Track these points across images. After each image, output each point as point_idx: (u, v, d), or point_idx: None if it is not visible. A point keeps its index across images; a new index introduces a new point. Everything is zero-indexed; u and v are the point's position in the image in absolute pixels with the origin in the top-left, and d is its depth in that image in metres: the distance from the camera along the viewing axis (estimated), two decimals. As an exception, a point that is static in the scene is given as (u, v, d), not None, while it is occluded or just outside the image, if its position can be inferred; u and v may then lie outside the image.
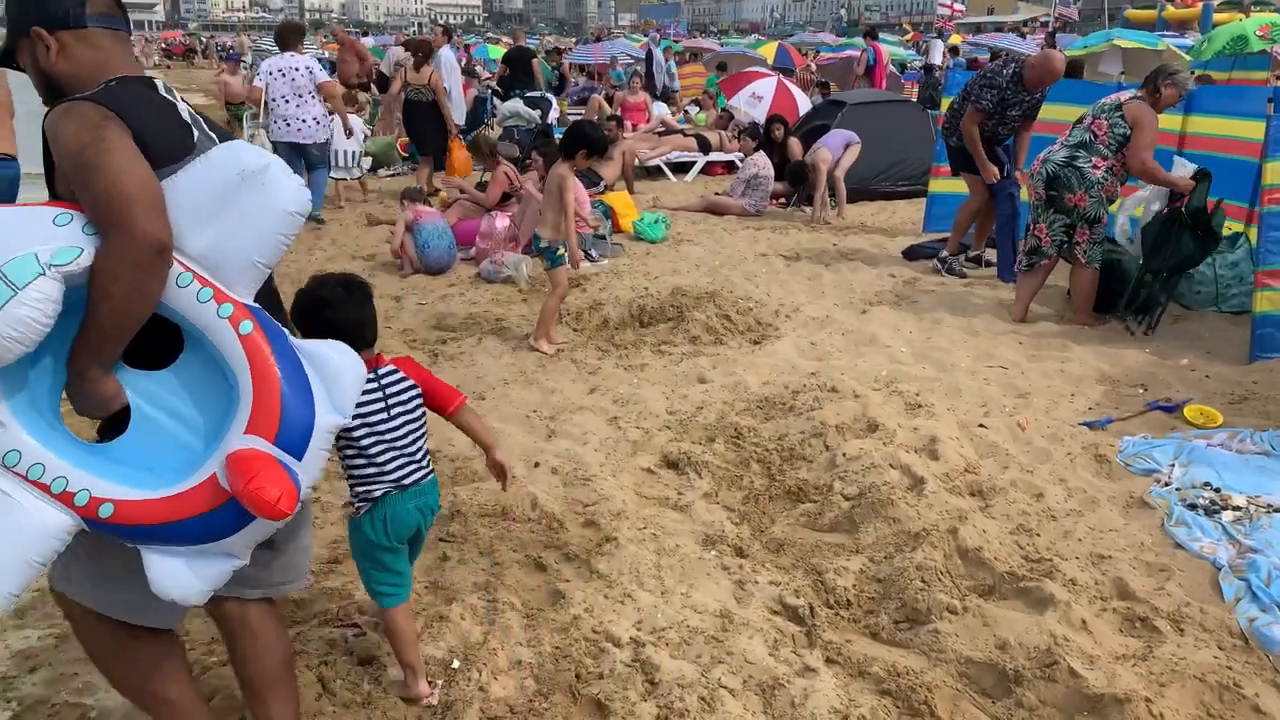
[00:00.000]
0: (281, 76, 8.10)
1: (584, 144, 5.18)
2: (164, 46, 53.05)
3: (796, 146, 10.27)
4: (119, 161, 1.72)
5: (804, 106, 13.26)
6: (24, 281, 1.64)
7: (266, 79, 8.19)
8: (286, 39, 8.43)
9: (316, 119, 8.21)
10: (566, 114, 14.50)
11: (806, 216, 9.52)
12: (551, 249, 5.32)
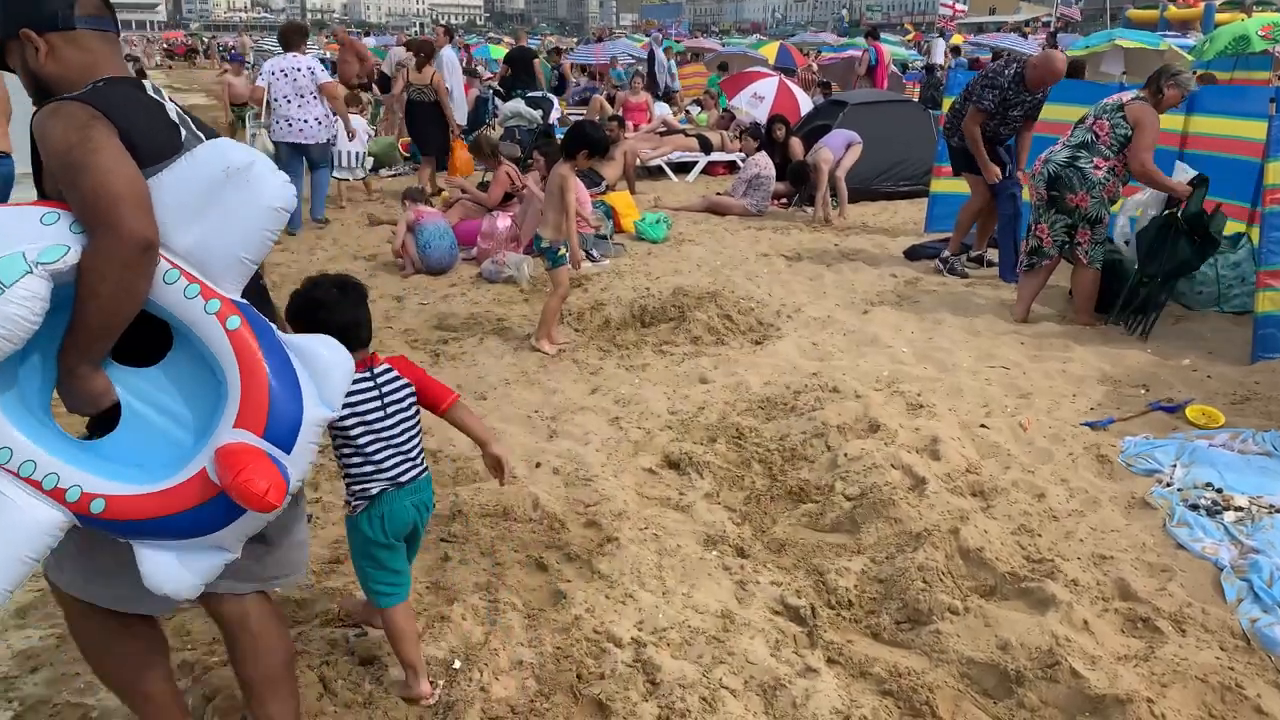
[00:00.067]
0: (284, 77, 8.12)
1: (585, 144, 5.18)
2: (166, 47, 53.17)
3: (798, 146, 10.27)
4: (106, 161, 1.73)
5: (805, 106, 13.26)
6: (11, 280, 1.66)
7: (269, 79, 8.21)
8: (290, 39, 8.45)
9: (318, 119, 8.22)
10: (568, 114, 14.50)
11: (808, 217, 9.52)
12: (553, 249, 5.32)
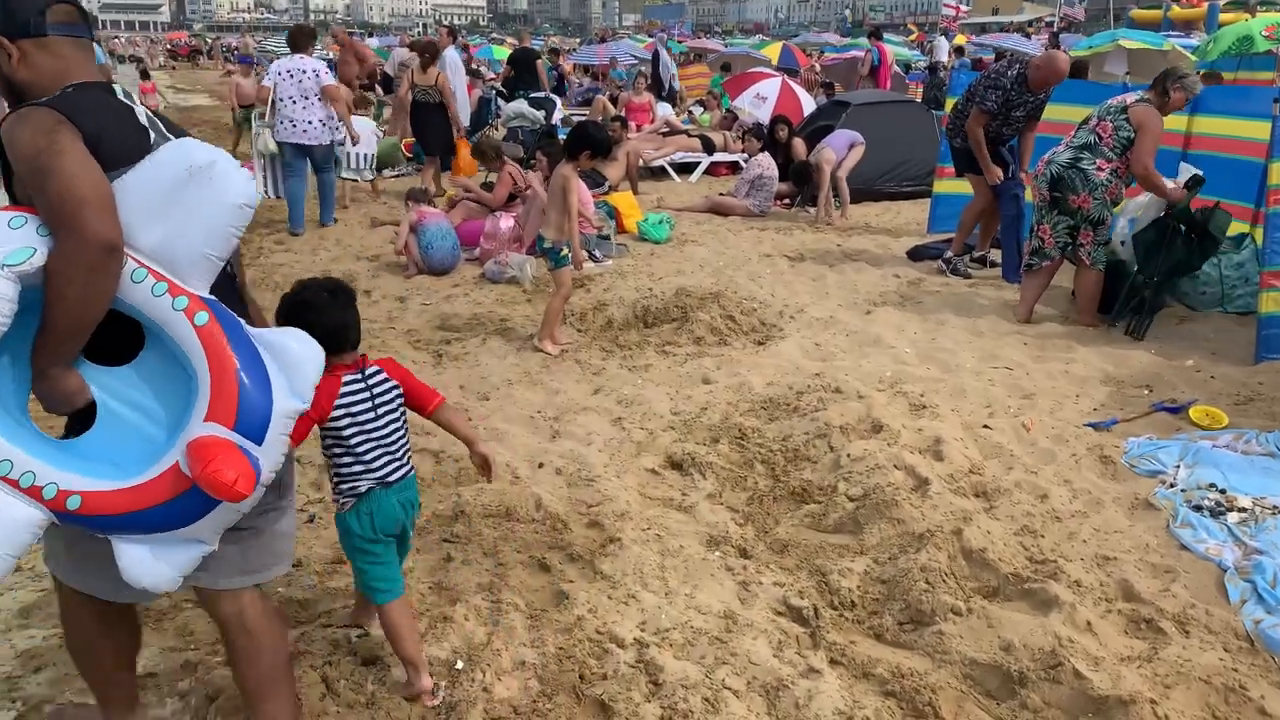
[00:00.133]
0: (290, 78, 8.16)
1: (588, 145, 5.19)
2: (169, 47, 53.27)
3: (801, 147, 10.26)
4: (71, 165, 1.77)
5: (808, 107, 13.26)
6: None
7: (275, 79, 8.27)
8: (299, 41, 8.50)
9: (323, 121, 8.27)
10: (570, 115, 14.50)
11: (811, 217, 9.51)
12: (555, 249, 5.32)
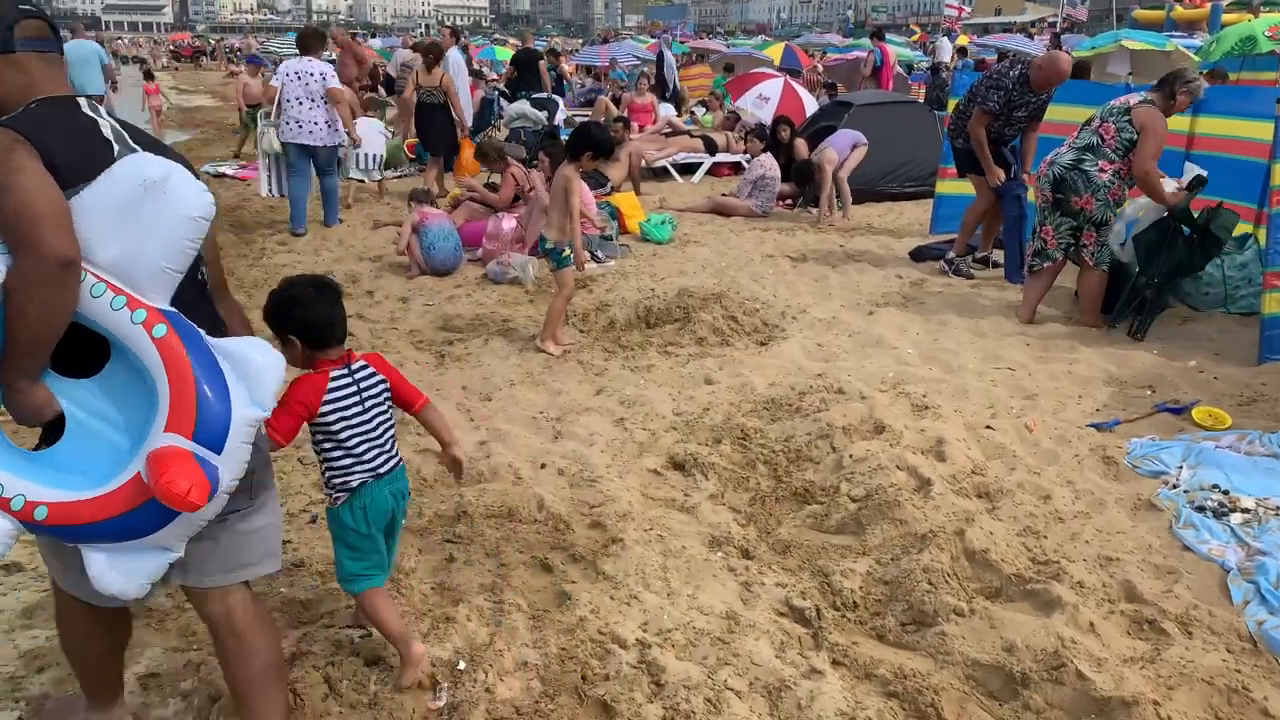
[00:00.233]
0: (297, 79, 8.19)
1: (590, 145, 5.18)
2: (172, 48, 53.39)
3: (803, 148, 10.26)
4: (28, 182, 1.79)
5: (810, 108, 13.26)
6: None
7: (283, 79, 8.30)
8: (308, 43, 8.52)
9: (328, 122, 8.30)
10: (572, 116, 14.51)
11: (813, 218, 9.51)
12: (557, 250, 5.32)
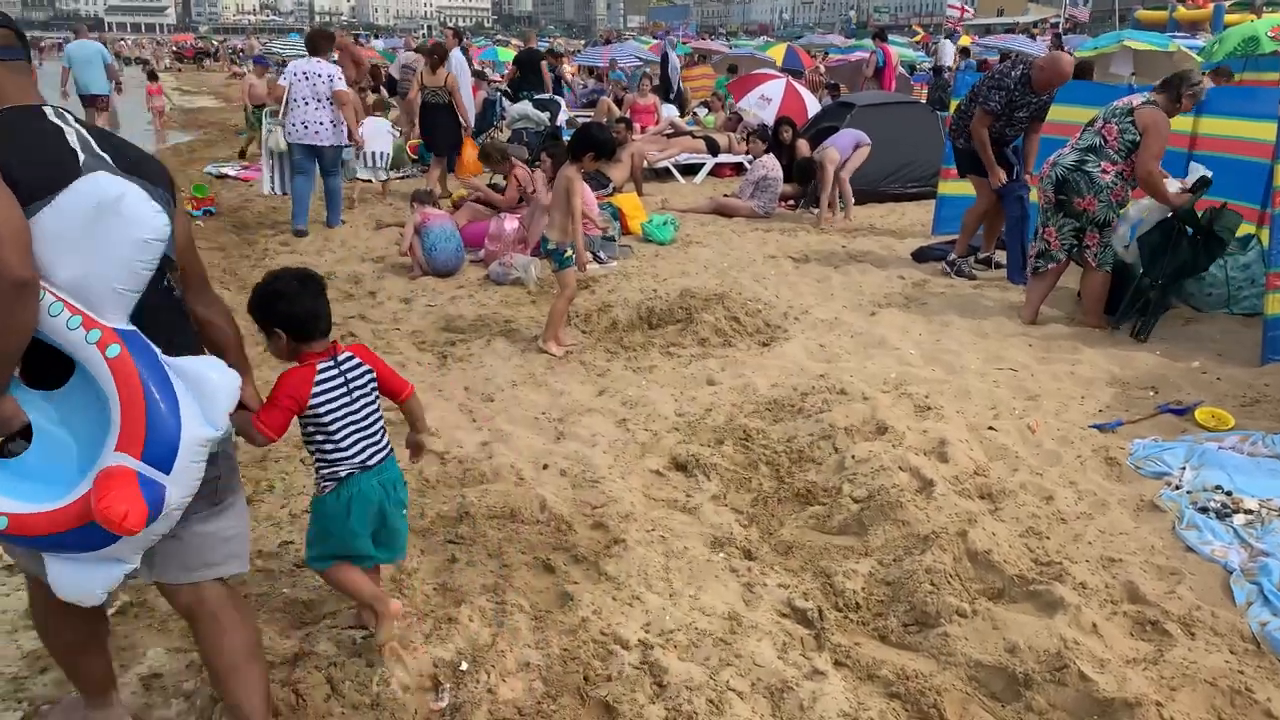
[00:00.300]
0: (304, 80, 8.21)
1: (591, 146, 5.18)
2: (175, 49, 53.49)
3: (805, 148, 10.25)
4: None
5: (813, 108, 13.26)
6: None
7: (291, 79, 8.32)
8: (317, 44, 8.54)
9: (334, 123, 8.31)
10: (574, 117, 14.51)
11: (815, 218, 9.50)
12: (559, 251, 5.32)
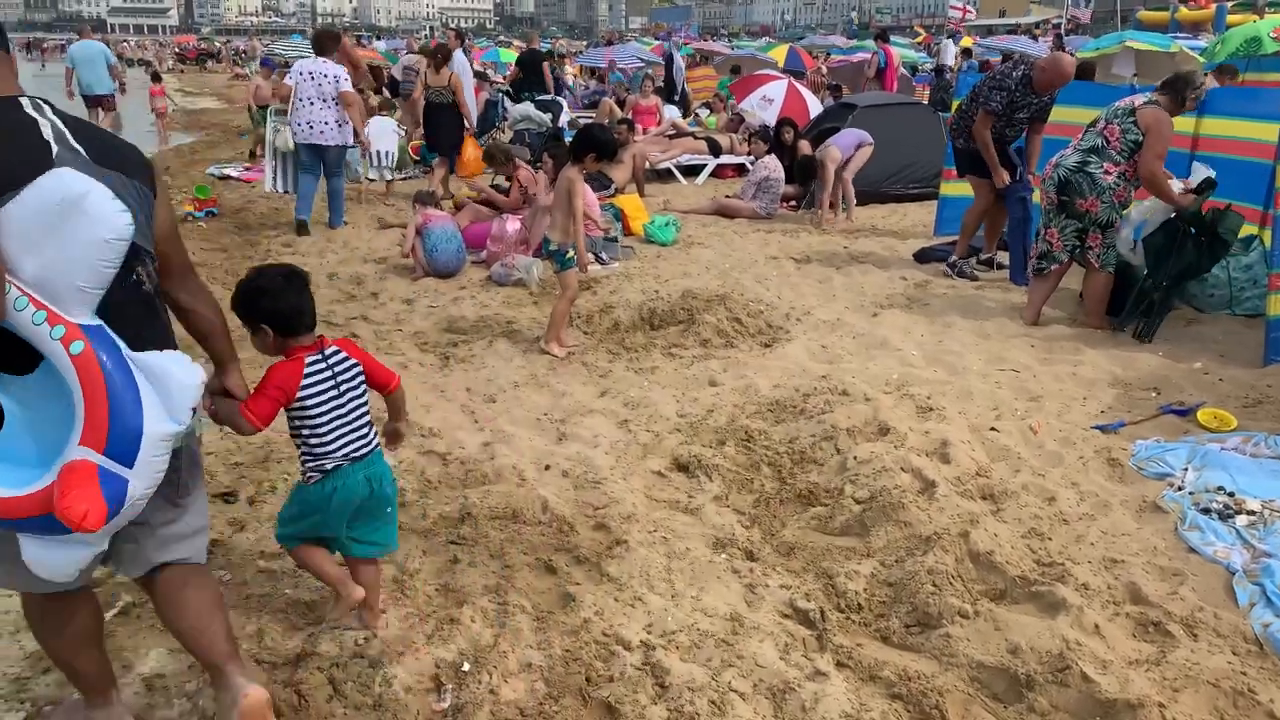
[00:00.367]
0: (310, 79, 8.23)
1: (593, 147, 5.19)
2: (177, 51, 53.59)
3: (807, 149, 10.24)
4: None
5: (815, 109, 13.25)
6: None
7: (297, 79, 8.34)
8: (323, 44, 8.56)
9: (339, 123, 8.32)
10: (576, 118, 14.52)
11: (816, 218, 9.49)
12: (561, 252, 5.32)
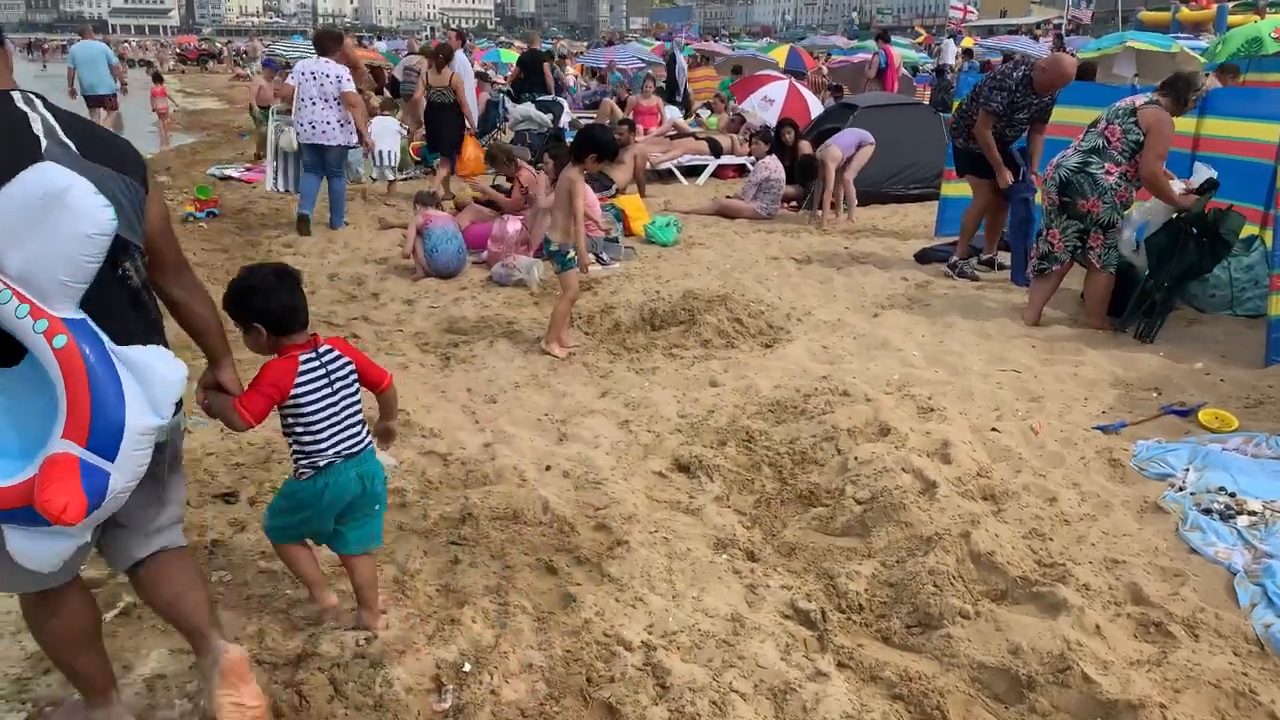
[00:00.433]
0: (312, 80, 8.23)
1: (594, 148, 5.19)
2: (178, 51, 53.64)
3: (807, 149, 10.24)
4: None
5: (815, 110, 13.26)
6: None
7: (299, 79, 8.34)
8: (326, 45, 8.55)
9: (340, 123, 8.32)
10: (577, 118, 14.52)
11: (817, 218, 9.49)
12: (562, 252, 5.32)
